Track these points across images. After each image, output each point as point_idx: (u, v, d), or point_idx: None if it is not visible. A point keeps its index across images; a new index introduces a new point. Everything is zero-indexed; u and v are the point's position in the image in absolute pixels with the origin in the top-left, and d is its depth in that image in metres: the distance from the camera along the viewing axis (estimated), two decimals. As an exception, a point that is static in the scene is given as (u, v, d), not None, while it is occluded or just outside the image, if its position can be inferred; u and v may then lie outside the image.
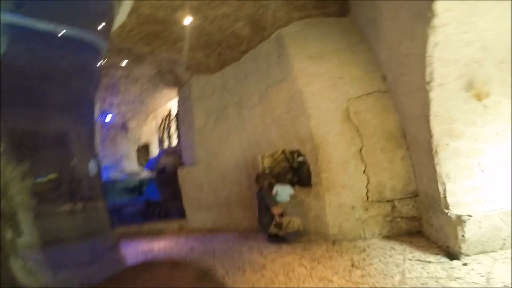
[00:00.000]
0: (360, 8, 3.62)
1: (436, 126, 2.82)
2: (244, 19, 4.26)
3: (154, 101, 9.01)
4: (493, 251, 2.64)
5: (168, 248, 4.72)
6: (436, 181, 2.89)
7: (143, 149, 12.86)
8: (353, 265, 2.93)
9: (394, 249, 3.19)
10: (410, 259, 2.85)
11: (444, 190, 2.83)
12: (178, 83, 6.49)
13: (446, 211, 2.80)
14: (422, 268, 2.63)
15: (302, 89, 3.86)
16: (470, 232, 2.61)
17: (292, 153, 4.93)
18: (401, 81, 3.20)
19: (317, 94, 3.81)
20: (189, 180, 5.87)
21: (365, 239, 3.58)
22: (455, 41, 2.57)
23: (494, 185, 2.81)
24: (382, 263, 2.86)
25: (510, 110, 2.85)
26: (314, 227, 4.01)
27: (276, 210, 3.97)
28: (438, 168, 2.86)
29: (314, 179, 3.95)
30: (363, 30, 3.73)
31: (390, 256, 2.99)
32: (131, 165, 12.97)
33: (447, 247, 2.83)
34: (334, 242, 3.64)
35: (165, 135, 10.95)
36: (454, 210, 2.77)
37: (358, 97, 3.70)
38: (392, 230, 3.57)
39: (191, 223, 5.84)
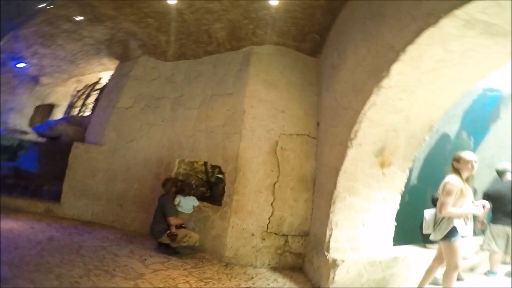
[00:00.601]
0: (330, 53, 3.90)
1: (342, 181, 3.24)
2: (226, 22, 4.29)
3: (86, 66, 8.09)
4: None
5: (15, 231, 3.90)
6: (326, 226, 3.30)
7: (45, 109, 10.79)
8: None
9: (277, 281, 3.41)
10: None
11: (330, 235, 3.26)
12: (123, 57, 5.97)
13: (326, 253, 3.20)
14: None
15: (246, 109, 4.01)
16: (339, 276, 3.00)
17: (213, 167, 4.88)
18: (330, 132, 3.64)
19: (257, 119, 4.01)
20: (82, 159, 5.14)
21: (255, 267, 3.75)
22: (388, 106, 2.85)
23: (369, 238, 3.41)
24: None
25: (401, 182, 3.50)
26: (211, 246, 4.02)
27: (173, 221, 3.83)
28: (331, 216, 3.28)
29: (225, 199, 4.02)
30: (322, 75, 4.09)
31: None
32: (20, 122, 10.62)
33: (318, 286, 3.20)
34: (227, 265, 3.69)
35: (79, 103, 9.43)
36: (333, 254, 3.19)
37: (290, 134, 4.06)
38: (280, 262, 3.85)
39: (64, 209, 5.07)
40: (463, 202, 2.79)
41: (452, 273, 2.78)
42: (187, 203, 4.04)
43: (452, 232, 2.74)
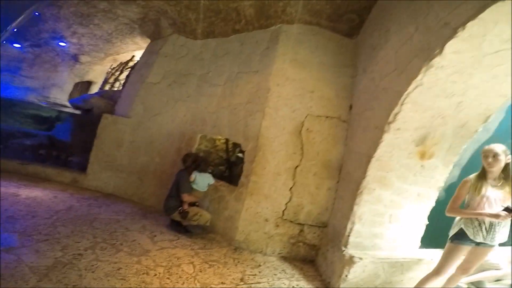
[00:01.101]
0: (370, 33, 3.65)
1: (373, 170, 2.95)
2: (254, -1, 4.11)
3: (121, 45, 8.61)
4: None
5: (38, 199, 4.06)
6: (348, 219, 3.05)
7: (83, 85, 11.64)
8: (242, 279, 2.88)
9: (285, 272, 3.24)
10: (294, 287, 2.92)
11: (351, 229, 3.00)
12: (155, 36, 6.11)
13: (344, 248, 2.96)
14: None
15: (271, 87, 3.82)
16: (353, 274, 2.79)
17: (235, 146, 4.75)
18: (365, 116, 3.33)
19: (282, 97, 3.80)
20: (110, 131, 5.28)
21: (265, 254, 3.61)
22: (438, 89, 2.56)
23: (394, 237, 3.05)
24: (269, 284, 2.88)
25: (441, 177, 3.11)
26: (223, 228, 3.94)
27: (187, 198, 3.77)
28: (355, 208, 3.02)
29: (242, 179, 3.89)
30: (360, 56, 3.80)
31: (279, 279, 3.02)
32: (61, 96, 11.55)
33: (329, 282, 2.99)
34: (236, 249, 3.59)
35: (112, 78, 9.93)
36: (351, 249, 2.95)
37: (317, 116, 3.77)
38: (292, 252, 3.66)
39: (89, 181, 5.26)
40: (478, 201, 2.45)
41: (430, 277, 2.57)
42: (202, 181, 3.97)
43: (458, 234, 2.50)
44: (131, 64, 8.88)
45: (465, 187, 2.50)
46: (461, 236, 2.49)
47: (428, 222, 3.25)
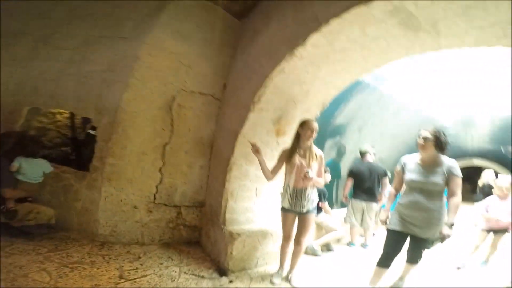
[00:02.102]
0: (255, 17, 3.68)
1: (240, 146, 3.21)
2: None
3: None
4: (249, 269, 3.10)
5: None
6: (221, 196, 3.25)
7: None
8: (121, 276, 2.58)
9: (171, 259, 3.15)
10: (185, 272, 2.88)
11: (226, 206, 3.23)
12: None
13: (223, 226, 3.16)
14: (196, 284, 2.69)
15: (141, 57, 3.37)
16: (237, 250, 3.01)
17: (85, 121, 3.85)
18: (236, 95, 3.51)
19: (153, 69, 3.44)
20: None
21: (142, 244, 3.38)
22: (294, 76, 2.91)
23: (261, 209, 3.51)
24: (157, 276, 2.73)
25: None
26: (78, 223, 3.36)
27: (9, 193, 2.96)
28: (227, 185, 3.24)
29: (95, 163, 3.36)
30: (242, 38, 3.83)
31: (166, 268, 2.91)
32: None
33: (218, 261, 3.14)
34: (103, 245, 3.17)
35: None
36: (229, 226, 3.19)
37: (191, 92, 3.67)
38: (173, 237, 3.60)
39: None
40: (289, 170, 2.87)
41: (282, 244, 2.96)
42: (32, 169, 3.14)
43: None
44: None
45: (282, 157, 2.91)
46: (282, 204, 2.92)
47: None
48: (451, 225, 2.37)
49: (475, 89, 6.09)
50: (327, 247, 4.16)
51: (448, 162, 2.51)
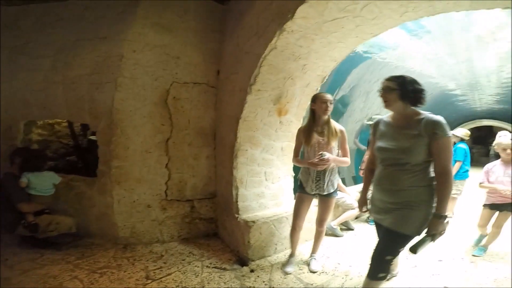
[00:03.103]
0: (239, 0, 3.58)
1: (242, 131, 3.20)
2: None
3: None
4: (269, 256, 3.16)
5: None
6: (231, 184, 3.29)
7: None
8: (147, 277, 2.72)
9: (193, 254, 3.26)
10: (207, 266, 2.97)
11: (237, 195, 3.28)
12: None
13: (237, 215, 3.24)
14: (219, 277, 2.76)
15: (125, 54, 3.30)
16: (254, 238, 3.07)
17: (85, 127, 3.84)
18: (231, 79, 3.44)
19: (141, 65, 3.38)
20: None
21: (163, 242, 3.52)
22: (288, 52, 2.81)
23: (273, 193, 3.56)
24: (181, 272, 2.83)
25: (296, 130, 3.64)
26: (98, 229, 3.51)
27: (26, 208, 3.08)
28: (234, 172, 3.26)
29: (101, 167, 3.43)
30: (228, 21, 3.71)
31: (189, 263, 3.01)
32: None
33: (238, 251, 3.25)
34: (125, 247, 3.33)
35: None
36: (243, 215, 3.27)
37: (184, 83, 3.61)
38: (191, 232, 3.72)
39: None
40: (307, 150, 2.70)
41: (291, 232, 2.86)
42: (42, 182, 3.24)
43: (299, 185, 2.82)
44: None
45: (299, 136, 2.77)
46: (301, 187, 2.78)
47: (294, 174, 3.80)
48: (441, 217, 1.69)
49: (479, 51, 5.79)
50: (347, 226, 4.12)
51: (428, 117, 1.76)
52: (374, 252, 1.93)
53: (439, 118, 1.74)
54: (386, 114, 2.08)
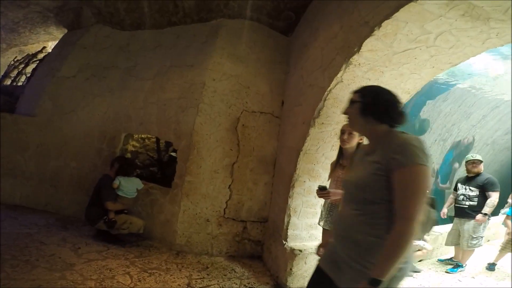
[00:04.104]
0: (302, 31, 3.82)
1: (302, 163, 3.16)
2: (196, -10, 3.99)
3: (30, 35, 7.28)
4: None
5: None
6: (284, 212, 3.22)
7: None
8: (188, 284, 2.80)
9: (234, 271, 3.28)
10: (245, 285, 2.97)
11: (288, 222, 3.18)
12: (74, 26, 5.38)
13: (284, 242, 3.12)
14: None
15: (206, 82, 3.78)
16: (297, 267, 2.94)
17: (168, 145, 4.50)
18: (294, 111, 3.53)
19: (218, 93, 3.79)
20: (10, 132, 4.55)
21: (211, 255, 3.61)
22: (355, 85, 2.65)
23: None
24: (219, 286, 2.87)
25: None
26: (161, 233, 3.79)
27: (111, 206, 3.52)
28: (289, 201, 3.20)
29: (176, 180, 3.78)
30: (292, 53, 3.97)
31: (229, 279, 3.03)
32: None
33: (277, 277, 3.12)
34: (178, 254, 3.50)
35: (15, 72, 8.32)
36: (291, 242, 3.12)
37: (252, 112, 3.87)
38: (238, 250, 3.74)
39: None
40: (330, 183, 2.47)
41: None
42: (129, 186, 3.70)
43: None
44: (40, 56, 7.60)
45: (330, 171, 2.57)
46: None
47: None
48: (373, 283, 1.10)
49: None
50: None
51: (393, 137, 1.25)
52: None
53: (408, 138, 1.21)
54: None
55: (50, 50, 6.56)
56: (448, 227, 4.50)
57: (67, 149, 4.46)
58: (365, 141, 1.68)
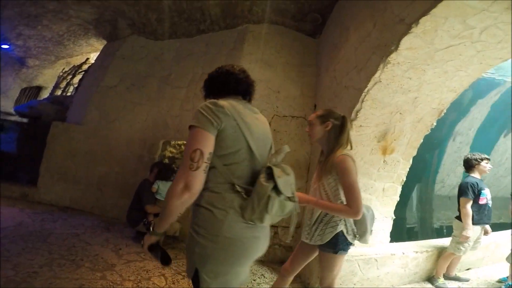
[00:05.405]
0: (331, 32, 3.70)
1: None
2: (220, -2, 4.03)
3: (74, 47, 8.09)
4: None
5: None
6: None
7: (32, 91, 10.69)
8: None
9: (264, 276, 3.18)
10: None
11: None
12: (112, 37, 5.78)
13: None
14: None
15: None
16: None
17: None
18: None
19: None
20: (62, 140, 4.89)
21: None
22: (395, 85, 2.60)
23: None
24: None
25: (403, 172, 3.22)
26: None
27: (151, 209, 3.61)
28: None
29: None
30: (322, 55, 3.85)
31: (258, 284, 2.96)
32: (5, 104, 10.59)
33: (308, 283, 2.97)
34: None
35: (64, 83, 9.24)
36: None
37: (283, 116, 3.77)
38: (269, 255, 3.62)
39: (41, 194, 4.85)
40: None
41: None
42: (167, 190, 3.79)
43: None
44: (85, 67, 8.34)
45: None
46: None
47: (394, 217, 3.36)
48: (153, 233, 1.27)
49: None
50: (454, 278, 3.41)
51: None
52: None
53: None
54: None
55: (93, 61, 7.07)
56: (505, 235, 4.00)
57: (112, 156, 4.71)
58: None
